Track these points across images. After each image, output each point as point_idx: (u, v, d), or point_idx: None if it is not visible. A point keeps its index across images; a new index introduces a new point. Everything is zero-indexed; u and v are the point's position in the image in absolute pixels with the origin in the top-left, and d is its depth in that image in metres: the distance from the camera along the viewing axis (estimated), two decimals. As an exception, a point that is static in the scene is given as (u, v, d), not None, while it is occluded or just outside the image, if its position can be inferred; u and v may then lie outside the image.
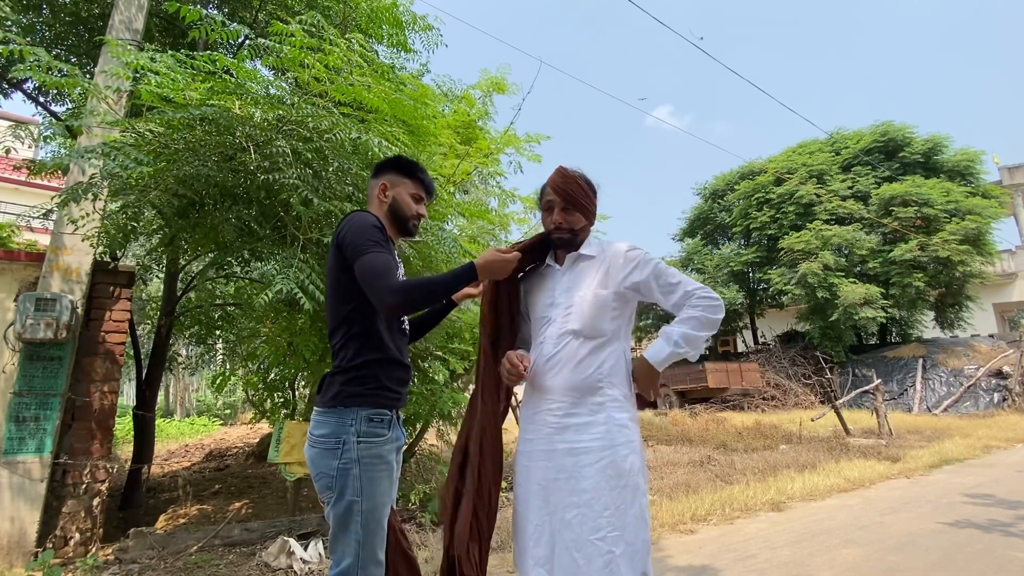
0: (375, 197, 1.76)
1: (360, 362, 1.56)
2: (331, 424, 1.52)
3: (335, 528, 1.50)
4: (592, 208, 1.75)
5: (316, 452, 1.52)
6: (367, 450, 1.51)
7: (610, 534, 1.45)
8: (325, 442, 1.51)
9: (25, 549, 3.35)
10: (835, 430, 9.24)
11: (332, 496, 1.49)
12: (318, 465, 1.51)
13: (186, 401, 21.16)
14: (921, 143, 18.11)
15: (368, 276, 1.49)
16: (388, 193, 1.74)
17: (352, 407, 1.52)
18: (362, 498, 1.48)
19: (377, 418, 1.55)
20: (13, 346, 3.60)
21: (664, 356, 1.61)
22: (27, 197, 14.19)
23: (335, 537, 1.50)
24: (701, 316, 1.59)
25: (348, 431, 1.50)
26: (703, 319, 1.59)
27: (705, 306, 1.59)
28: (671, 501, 4.67)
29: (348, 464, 1.49)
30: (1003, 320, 22.03)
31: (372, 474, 1.51)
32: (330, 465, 1.49)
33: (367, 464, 1.50)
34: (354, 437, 1.50)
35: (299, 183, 3.03)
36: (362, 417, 1.52)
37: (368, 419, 1.53)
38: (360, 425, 1.52)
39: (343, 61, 3.14)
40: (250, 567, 3.30)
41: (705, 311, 1.59)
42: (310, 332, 4.10)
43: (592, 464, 1.50)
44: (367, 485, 1.50)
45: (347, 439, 1.50)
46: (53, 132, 5.04)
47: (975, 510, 4.35)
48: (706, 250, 21.59)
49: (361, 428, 1.52)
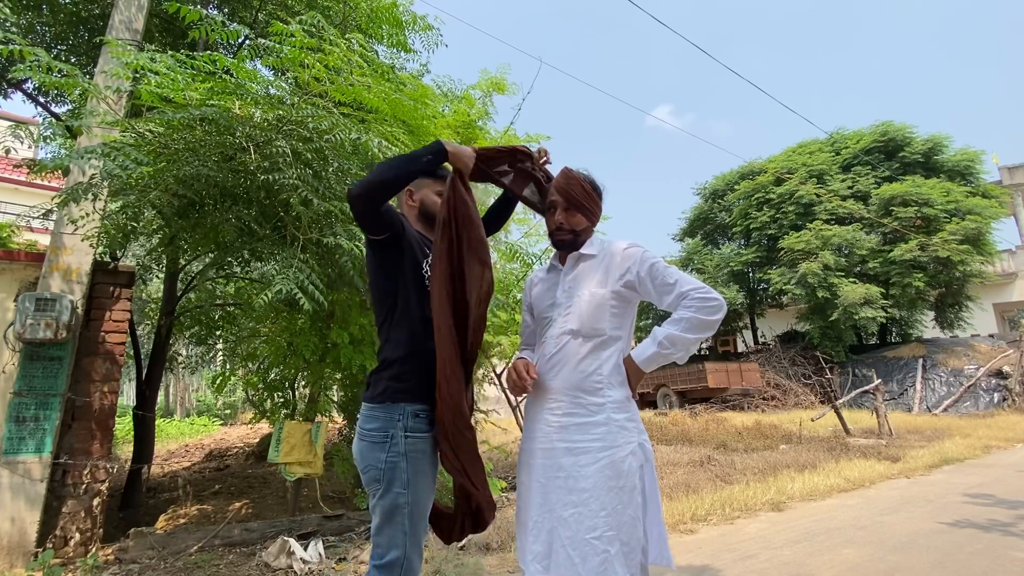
0: (404, 204, 1.82)
1: (403, 356, 1.59)
2: (380, 419, 1.55)
3: (380, 521, 1.52)
4: (595, 210, 1.75)
5: (365, 445, 1.55)
6: (414, 445, 1.54)
7: (606, 533, 1.45)
8: (374, 436, 1.54)
9: (25, 549, 3.35)
10: (835, 430, 9.24)
11: (379, 489, 1.51)
12: (367, 458, 1.54)
13: (186, 401, 21.16)
14: (921, 143, 18.11)
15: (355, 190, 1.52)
16: (416, 198, 1.79)
17: (400, 403, 1.55)
18: (408, 491, 1.51)
19: (423, 413, 1.57)
20: (13, 346, 3.60)
21: (648, 355, 1.58)
22: (27, 197, 14.19)
23: (379, 530, 1.52)
24: (692, 317, 1.53)
25: (396, 426, 1.53)
26: (694, 320, 1.53)
27: (699, 307, 1.53)
28: (671, 501, 4.67)
29: (396, 458, 1.51)
30: (1003, 320, 22.02)
31: (418, 468, 1.54)
32: (378, 458, 1.52)
33: (413, 458, 1.53)
34: (401, 432, 1.53)
35: (299, 183, 3.04)
36: (409, 413, 1.55)
37: (414, 415, 1.56)
38: (407, 420, 1.54)
39: (343, 61, 3.14)
40: (250, 567, 3.30)
41: (698, 312, 1.53)
42: (310, 332, 4.10)
43: (590, 464, 1.50)
44: (413, 479, 1.52)
45: (395, 434, 1.53)
46: (53, 132, 5.04)
47: (975, 510, 4.35)
48: (706, 250, 21.58)
49: (408, 423, 1.54)
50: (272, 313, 4.68)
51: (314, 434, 4.07)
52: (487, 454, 5.63)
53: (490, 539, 3.66)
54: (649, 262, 1.62)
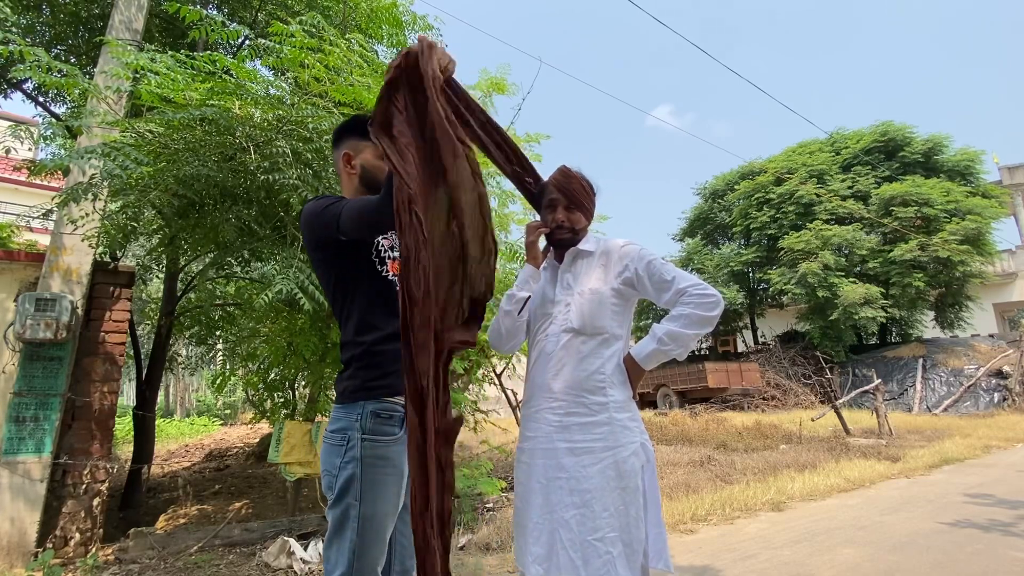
0: (342, 172, 1.61)
1: (359, 352, 1.44)
2: (340, 420, 1.41)
3: (330, 531, 1.37)
4: (592, 208, 1.76)
5: (324, 448, 1.43)
6: (372, 449, 1.38)
7: (608, 535, 1.44)
8: (332, 438, 1.42)
9: (25, 549, 3.35)
10: (835, 430, 9.24)
11: (332, 496, 1.38)
12: (324, 462, 1.42)
13: (186, 401, 21.17)
14: (921, 143, 18.12)
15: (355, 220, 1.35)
16: (354, 163, 1.58)
17: (358, 401, 1.41)
18: (361, 502, 1.35)
19: (385, 414, 1.40)
20: (13, 346, 3.60)
21: (647, 352, 1.56)
22: (27, 197, 14.20)
23: (329, 542, 1.37)
24: (691, 313, 1.53)
25: (354, 427, 1.39)
26: (693, 316, 1.53)
27: (697, 303, 1.53)
28: (671, 501, 4.66)
29: (350, 462, 1.36)
30: (1003, 320, 22.02)
31: (375, 476, 1.37)
32: (333, 463, 1.38)
33: (370, 464, 1.37)
34: (358, 434, 1.38)
35: (299, 183, 3.04)
36: (368, 412, 1.39)
37: (375, 415, 1.39)
38: (366, 421, 1.39)
39: (343, 61, 3.14)
40: (250, 567, 3.30)
41: (697, 308, 1.53)
42: (310, 332, 4.10)
43: (593, 464, 1.49)
44: (368, 488, 1.36)
45: (351, 435, 1.38)
46: (53, 132, 5.04)
47: (975, 510, 4.35)
48: (706, 250, 21.59)
49: (367, 424, 1.38)
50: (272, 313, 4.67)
51: (314, 434, 4.08)
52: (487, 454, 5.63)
53: (490, 539, 3.66)
54: (647, 259, 1.62)
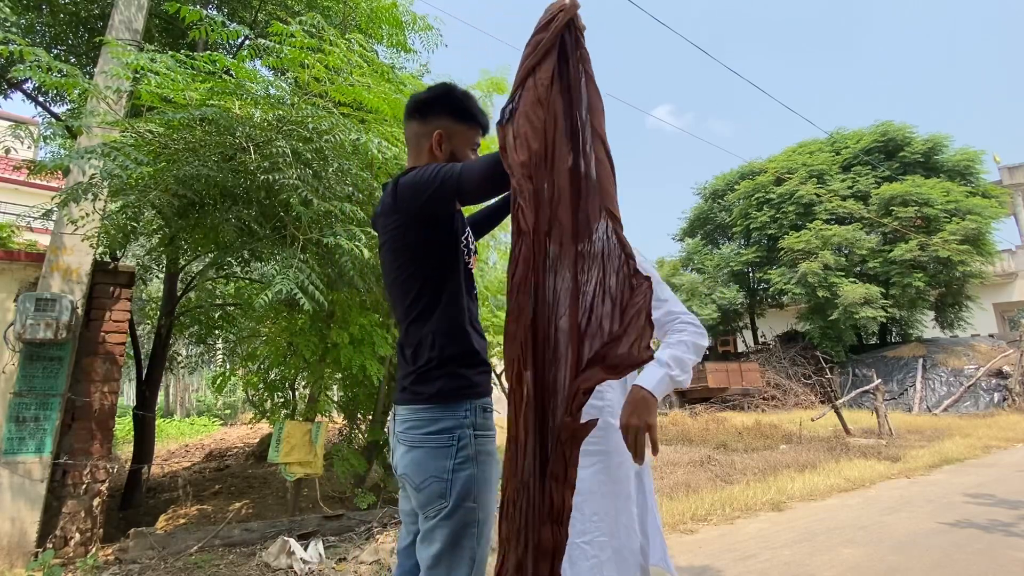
0: (426, 149, 1.37)
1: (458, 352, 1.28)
2: (444, 419, 1.23)
3: (443, 547, 1.18)
4: None
5: (423, 453, 1.22)
6: (483, 445, 1.25)
7: (597, 539, 1.43)
8: (437, 440, 1.22)
9: (25, 549, 3.35)
10: (835, 430, 9.24)
11: (444, 506, 1.19)
12: (427, 468, 1.21)
13: (186, 401, 21.16)
14: (921, 143, 18.14)
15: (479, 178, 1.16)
16: (445, 146, 1.36)
17: (464, 399, 1.26)
18: (479, 505, 1.21)
19: (490, 409, 1.30)
20: (13, 346, 3.59)
21: (657, 380, 1.45)
22: (27, 197, 14.19)
23: (437, 560, 1.18)
24: (689, 341, 1.52)
25: (464, 424, 1.24)
26: (691, 344, 1.51)
27: (693, 331, 1.54)
28: (671, 501, 4.67)
29: (464, 462, 1.21)
30: (1003, 320, 22.03)
31: (488, 475, 1.25)
32: (443, 466, 1.20)
33: (484, 462, 1.24)
34: (470, 431, 1.24)
35: (299, 183, 3.04)
36: (478, 408, 1.27)
37: (483, 409, 1.28)
38: (476, 417, 1.26)
39: (343, 61, 3.14)
40: (250, 567, 3.30)
41: (693, 336, 1.53)
42: (310, 332, 4.10)
43: (585, 468, 1.47)
44: (484, 489, 1.22)
45: (463, 433, 1.23)
46: (53, 132, 5.04)
47: (975, 510, 4.35)
48: (706, 250, 21.62)
49: (477, 420, 1.26)
50: (272, 313, 4.68)
51: (314, 434, 4.08)
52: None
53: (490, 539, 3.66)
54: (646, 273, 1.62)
